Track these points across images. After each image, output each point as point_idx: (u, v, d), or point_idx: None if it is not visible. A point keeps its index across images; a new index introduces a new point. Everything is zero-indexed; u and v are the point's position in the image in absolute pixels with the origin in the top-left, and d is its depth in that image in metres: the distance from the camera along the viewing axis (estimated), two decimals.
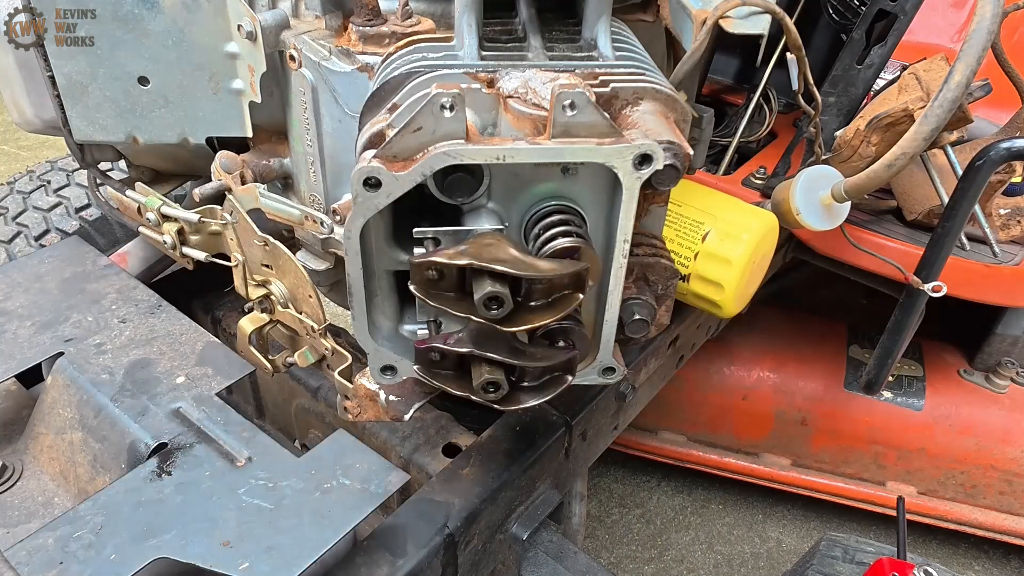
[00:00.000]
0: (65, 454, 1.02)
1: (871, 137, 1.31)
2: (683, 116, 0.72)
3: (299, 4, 0.94)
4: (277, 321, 1.05)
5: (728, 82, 1.96)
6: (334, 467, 0.92)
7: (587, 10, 0.77)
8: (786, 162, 1.53)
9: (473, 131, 0.64)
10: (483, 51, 0.74)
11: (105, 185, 1.17)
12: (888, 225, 1.54)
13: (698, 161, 0.96)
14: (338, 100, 0.85)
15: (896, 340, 1.45)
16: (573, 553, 0.87)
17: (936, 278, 1.27)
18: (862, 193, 1.06)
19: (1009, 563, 2.14)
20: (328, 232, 0.93)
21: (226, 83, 0.95)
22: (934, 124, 0.94)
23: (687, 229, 1.06)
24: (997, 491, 1.95)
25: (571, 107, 0.62)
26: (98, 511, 0.87)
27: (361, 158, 0.65)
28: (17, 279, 1.23)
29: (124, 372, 1.04)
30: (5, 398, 1.14)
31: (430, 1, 0.87)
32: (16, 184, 1.80)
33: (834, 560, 1.33)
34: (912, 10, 1.27)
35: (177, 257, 1.08)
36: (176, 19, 0.91)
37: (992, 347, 1.96)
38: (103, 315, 1.15)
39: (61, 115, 0.99)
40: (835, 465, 2.06)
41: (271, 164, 1.01)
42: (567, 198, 0.73)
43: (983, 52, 0.89)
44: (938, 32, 2.01)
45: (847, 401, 1.97)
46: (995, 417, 1.92)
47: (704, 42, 0.76)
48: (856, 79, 1.38)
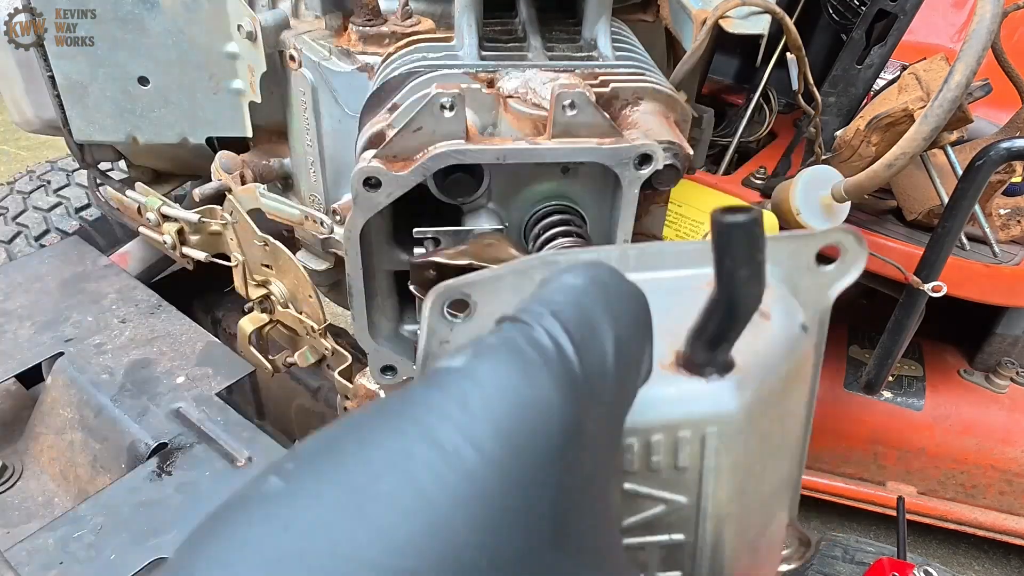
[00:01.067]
0: (65, 454, 1.02)
1: (871, 137, 1.31)
2: (683, 116, 0.72)
3: (299, 4, 0.94)
4: (277, 321, 1.05)
5: (728, 82, 1.95)
6: None
7: (587, 10, 0.77)
8: (786, 162, 1.53)
9: (473, 131, 0.64)
10: (483, 51, 0.74)
11: (105, 185, 1.17)
12: (888, 225, 1.54)
13: (698, 161, 0.96)
14: (338, 100, 0.85)
15: (896, 340, 1.45)
16: None
17: (936, 278, 1.27)
18: (862, 193, 1.06)
19: (1009, 563, 2.14)
20: (328, 232, 0.93)
21: (226, 83, 0.95)
22: (934, 124, 0.94)
23: (687, 229, 1.06)
24: (997, 491, 1.95)
25: (571, 107, 0.62)
26: (98, 511, 0.87)
27: (361, 158, 0.65)
28: (17, 279, 1.23)
29: (124, 372, 1.04)
30: (5, 398, 1.14)
31: (430, 1, 0.87)
32: (16, 184, 1.80)
33: (834, 560, 1.33)
34: (912, 10, 1.28)
35: (177, 257, 1.08)
36: (176, 19, 0.91)
37: (992, 347, 1.96)
38: (103, 315, 1.15)
39: (61, 115, 0.99)
40: (835, 465, 2.06)
41: (271, 164, 1.01)
42: (567, 198, 0.73)
43: (983, 52, 0.89)
44: (938, 32, 2.01)
45: (847, 401, 1.97)
46: (995, 417, 1.92)
47: (704, 42, 0.76)
48: (856, 79, 1.38)
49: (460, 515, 0.23)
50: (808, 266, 0.44)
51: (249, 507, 0.24)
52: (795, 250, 0.44)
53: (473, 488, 0.24)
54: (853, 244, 0.43)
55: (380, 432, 0.25)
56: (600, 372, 0.28)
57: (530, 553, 0.25)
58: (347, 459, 0.24)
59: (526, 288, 0.40)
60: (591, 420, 0.28)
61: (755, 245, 0.32)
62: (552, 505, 0.26)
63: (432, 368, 0.27)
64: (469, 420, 0.25)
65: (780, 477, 0.46)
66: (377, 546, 0.22)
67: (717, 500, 0.40)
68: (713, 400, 0.37)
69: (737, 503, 0.41)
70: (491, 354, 0.27)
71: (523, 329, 0.28)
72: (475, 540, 0.23)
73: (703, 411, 0.37)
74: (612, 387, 0.30)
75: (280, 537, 0.23)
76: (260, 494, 0.24)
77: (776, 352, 0.41)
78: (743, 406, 0.38)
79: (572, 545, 0.27)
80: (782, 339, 0.41)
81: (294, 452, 0.26)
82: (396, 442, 0.24)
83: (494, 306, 0.41)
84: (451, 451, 0.24)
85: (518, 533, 0.24)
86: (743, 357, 0.38)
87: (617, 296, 0.31)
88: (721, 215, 0.31)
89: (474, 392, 0.25)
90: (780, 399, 0.41)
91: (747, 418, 0.38)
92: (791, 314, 0.43)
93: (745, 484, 0.41)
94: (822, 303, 0.45)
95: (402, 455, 0.24)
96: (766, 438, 0.41)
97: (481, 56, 0.73)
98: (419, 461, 0.24)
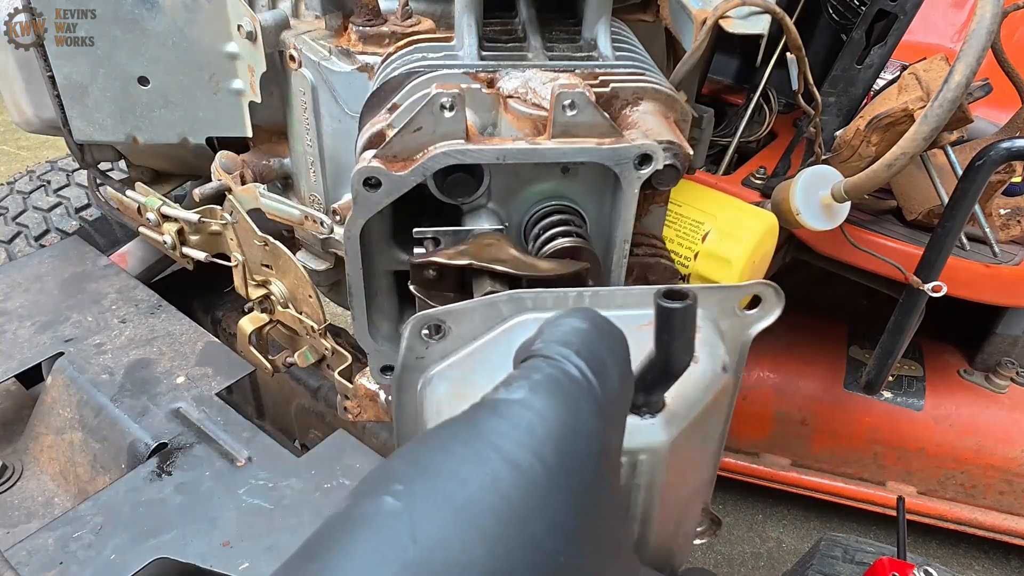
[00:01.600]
0: (65, 454, 1.02)
1: (871, 137, 1.31)
2: (683, 116, 0.72)
3: (299, 4, 0.94)
4: (277, 321, 1.05)
5: (728, 82, 1.95)
6: (334, 467, 0.92)
7: (587, 10, 0.77)
8: (786, 162, 1.53)
9: (473, 131, 0.64)
10: (483, 51, 0.74)
11: (105, 185, 1.17)
12: (888, 225, 1.54)
13: (698, 161, 0.96)
14: (338, 100, 0.85)
15: (896, 340, 1.45)
16: None
17: (936, 278, 1.27)
18: (862, 193, 1.06)
19: (1009, 563, 2.14)
20: (328, 232, 0.93)
21: (226, 83, 0.95)
22: (934, 124, 0.94)
23: (687, 229, 1.06)
24: (997, 491, 1.95)
25: (571, 107, 0.62)
26: (98, 511, 0.87)
27: (361, 158, 0.65)
28: (17, 279, 1.23)
29: (124, 372, 1.04)
30: (5, 398, 1.14)
31: (430, 1, 0.87)
32: (16, 184, 1.80)
33: (834, 560, 1.33)
34: (912, 10, 1.27)
35: (177, 257, 1.08)
36: (176, 19, 0.91)
37: (992, 347, 1.96)
38: (103, 315, 1.15)
39: (61, 115, 0.99)
40: (835, 465, 2.06)
41: (271, 164, 1.01)
42: (567, 198, 0.73)
43: (983, 52, 0.89)
44: (938, 32, 2.01)
45: (847, 401, 1.97)
46: (995, 417, 1.92)
47: (704, 42, 0.76)
48: (856, 79, 1.38)
49: (538, 517, 0.31)
50: (734, 311, 0.55)
51: (378, 523, 0.30)
52: (723, 298, 0.55)
53: (545, 496, 0.31)
54: (771, 296, 0.55)
55: (465, 458, 0.32)
56: (614, 400, 0.36)
57: (585, 541, 0.33)
58: (446, 483, 0.31)
59: (493, 317, 0.51)
60: (614, 436, 0.35)
61: (688, 324, 0.40)
62: (594, 507, 0.33)
63: (491, 398, 0.34)
64: (537, 444, 0.32)
65: (698, 482, 0.58)
66: (485, 550, 0.29)
67: (644, 508, 0.50)
68: (645, 435, 0.46)
69: (658, 508, 0.51)
70: (542, 389, 0.34)
71: (557, 366, 0.35)
72: (549, 537, 0.31)
73: (637, 443, 0.46)
74: (623, 411, 0.38)
75: (409, 548, 0.29)
76: (383, 513, 0.30)
77: (700, 391, 0.50)
78: (669, 439, 0.47)
79: (597, 537, 0.34)
80: (706, 380, 0.50)
81: (391, 475, 0.32)
82: (483, 466, 0.31)
83: (463, 330, 0.51)
84: (527, 468, 0.31)
85: (576, 524, 0.32)
86: (672, 399, 0.47)
87: (610, 336, 0.39)
88: (662, 298, 0.39)
89: (536, 421, 0.32)
90: (701, 427, 0.51)
91: (671, 448, 0.47)
92: (715, 357, 0.52)
93: (666, 495, 0.51)
94: (743, 340, 0.57)
95: (492, 477, 0.31)
96: (687, 459, 0.51)
97: (481, 56, 0.73)
98: (505, 481, 0.31)
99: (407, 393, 0.56)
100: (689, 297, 0.38)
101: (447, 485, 0.31)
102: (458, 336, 0.51)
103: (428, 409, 0.53)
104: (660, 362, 0.42)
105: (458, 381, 0.51)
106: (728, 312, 0.55)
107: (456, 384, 0.51)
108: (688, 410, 0.48)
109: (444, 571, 0.28)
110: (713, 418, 0.54)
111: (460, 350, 0.52)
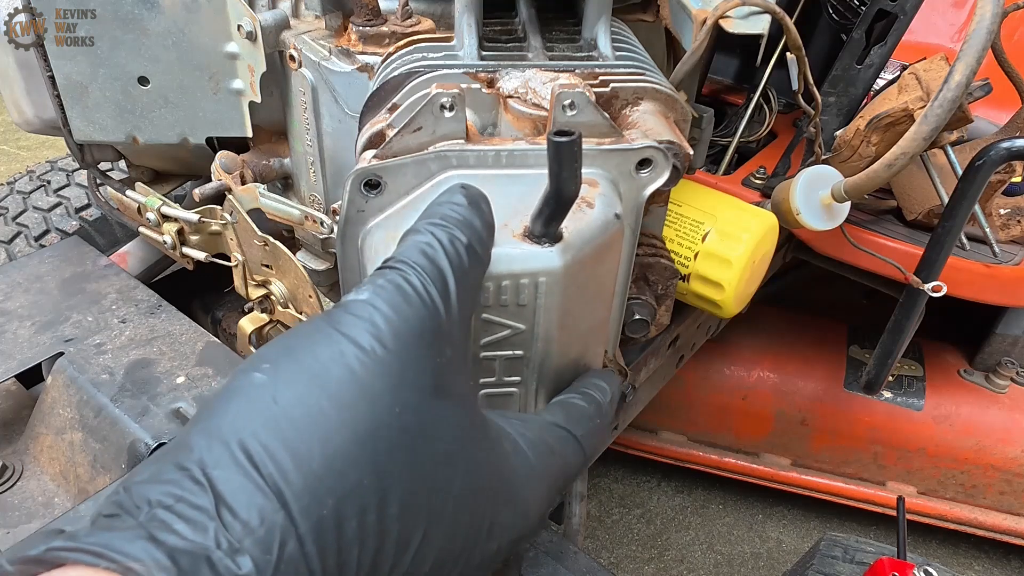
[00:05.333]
0: (65, 454, 1.02)
1: (871, 137, 1.31)
2: (683, 116, 0.72)
3: (299, 4, 0.94)
4: (277, 321, 1.05)
5: (728, 82, 1.96)
6: None
7: (587, 10, 0.77)
8: (786, 162, 1.53)
9: (473, 131, 0.64)
10: (483, 51, 0.74)
11: (105, 185, 1.17)
12: (888, 225, 1.54)
13: (698, 161, 0.96)
14: (338, 100, 0.85)
15: (896, 340, 1.45)
16: (573, 553, 0.87)
17: (936, 278, 1.27)
18: (862, 193, 1.06)
19: (1009, 563, 2.14)
20: (328, 232, 0.93)
21: (226, 83, 0.95)
22: (934, 124, 0.94)
23: (687, 229, 1.06)
24: (997, 491, 1.95)
25: (571, 107, 0.62)
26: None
27: (361, 158, 0.65)
28: (17, 279, 1.23)
29: (124, 372, 1.04)
30: (5, 398, 1.14)
31: (430, 1, 0.87)
32: (16, 184, 1.80)
33: (834, 560, 1.33)
34: (912, 10, 1.27)
35: (177, 257, 1.08)
36: (176, 19, 0.91)
37: (992, 347, 1.96)
38: (103, 315, 1.15)
39: (61, 115, 0.99)
40: (835, 465, 2.06)
41: (271, 164, 1.01)
42: None
43: (983, 52, 0.89)
44: (938, 32, 2.01)
45: (847, 401, 1.97)
46: (995, 417, 1.92)
47: (704, 42, 0.76)
48: (856, 79, 1.38)
49: (379, 383, 0.40)
50: (630, 172, 0.63)
51: (247, 391, 0.39)
52: (620, 161, 0.62)
53: (384, 368, 0.40)
54: (660, 158, 0.63)
55: (320, 341, 0.41)
56: (444, 294, 0.45)
57: (422, 402, 0.41)
58: (304, 359, 0.40)
59: (423, 174, 0.59)
60: (449, 320, 0.44)
61: (574, 157, 0.47)
62: (432, 374, 0.42)
63: (345, 300, 0.43)
64: (375, 330, 0.41)
65: (595, 318, 0.66)
66: (333, 405, 0.38)
67: (545, 327, 0.58)
68: (545, 259, 0.55)
69: (559, 331, 0.60)
70: (383, 291, 0.43)
71: (400, 273, 0.44)
72: (388, 396, 0.40)
73: (537, 266, 0.55)
74: (473, 286, 0.48)
75: (272, 407, 0.37)
76: (252, 384, 0.39)
77: (593, 230, 0.58)
78: (564, 265, 0.55)
79: (446, 392, 0.43)
80: (599, 222, 0.59)
81: (261, 357, 0.41)
82: (333, 346, 0.40)
83: (398, 184, 0.59)
84: (367, 347, 0.40)
85: (412, 391, 0.41)
86: (568, 233, 0.56)
87: (468, 217, 0.49)
88: (553, 135, 0.46)
89: (376, 314, 0.42)
90: (594, 263, 0.60)
91: (567, 273, 0.55)
92: (609, 206, 0.60)
93: (565, 319, 0.59)
94: (638, 199, 0.65)
95: (339, 353, 0.40)
96: (582, 289, 0.59)
97: (481, 56, 0.73)
98: (350, 355, 0.40)
99: (350, 245, 0.62)
100: (575, 134, 0.46)
101: (304, 359, 0.39)
102: (393, 191, 0.59)
103: (367, 254, 0.60)
104: (553, 192, 0.50)
105: (392, 228, 0.58)
106: (625, 175, 0.63)
107: (391, 231, 0.58)
108: (583, 243, 0.57)
109: (300, 421, 0.37)
110: (607, 259, 0.62)
111: (395, 203, 0.59)
